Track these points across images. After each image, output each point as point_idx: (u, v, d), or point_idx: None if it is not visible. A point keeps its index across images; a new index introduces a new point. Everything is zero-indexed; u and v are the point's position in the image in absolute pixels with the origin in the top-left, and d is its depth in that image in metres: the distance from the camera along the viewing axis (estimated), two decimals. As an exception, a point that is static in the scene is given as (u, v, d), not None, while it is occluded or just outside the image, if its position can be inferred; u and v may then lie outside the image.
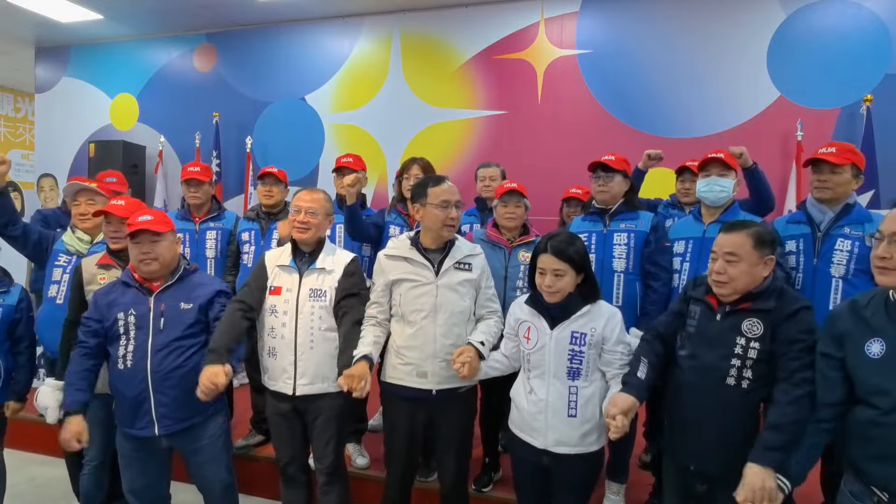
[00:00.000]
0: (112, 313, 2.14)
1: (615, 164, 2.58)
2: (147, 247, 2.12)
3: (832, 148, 2.27)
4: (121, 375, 2.13)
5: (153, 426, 2.13)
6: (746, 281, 1.71)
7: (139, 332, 2.13)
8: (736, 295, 1.73)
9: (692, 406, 1.80)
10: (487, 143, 5.08)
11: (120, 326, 2.14)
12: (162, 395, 2.12)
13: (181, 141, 5.95)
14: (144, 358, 2.12)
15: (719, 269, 1.73)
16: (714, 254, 1.77)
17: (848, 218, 2.21)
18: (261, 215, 3.24)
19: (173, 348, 2.15)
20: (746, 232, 1.72)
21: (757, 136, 4.40)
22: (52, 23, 5.71)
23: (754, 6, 4.44)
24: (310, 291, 2.28)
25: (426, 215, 2.17)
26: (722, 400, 1.73)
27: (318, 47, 5.55)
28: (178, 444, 2.24)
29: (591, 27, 4.82)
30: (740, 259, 1.70)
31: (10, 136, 8.73)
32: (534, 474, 2.05)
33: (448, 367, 2.12)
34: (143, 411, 2.13)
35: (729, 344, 1.72)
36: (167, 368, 2.12)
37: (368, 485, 2.78)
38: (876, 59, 4.21)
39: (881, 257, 1.41)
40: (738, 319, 1.73)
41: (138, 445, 2.20)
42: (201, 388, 1.98)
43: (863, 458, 1.48)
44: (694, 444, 1.80)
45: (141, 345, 2.13)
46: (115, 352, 2.14)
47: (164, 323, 2.15)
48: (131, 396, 2.12)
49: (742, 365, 1.70)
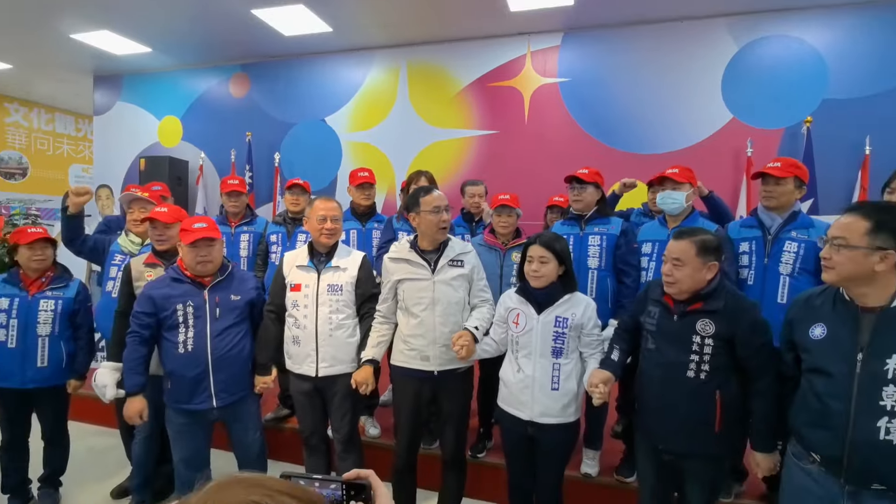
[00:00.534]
0: (170, 304, 2.13)
1: (587, 177, 2.58)
2: (204, 251, 2.13)
3: (777, 163, 2.26)
4: (182, 359, 2.13)
5: (211, 400, 2.16)
6: (690, 283, 1.72)
7: (197, 321, 2.14)
8: (684, 294, 1.74)
9: (658, 395, 1.81)
10: (481, 158, 5.07)
11: (179, 316, 2.13)
12: (219, 373, 2.16)
13: (219, 157, 5.94)
14: (204, 342, 2.14)
15: (668, 271, 1.75)
16: (665, 258, 1.78)
17: (794, 224, 2.20)
18: (287, 220, 3.23)
19: (228, 334, 2.18)
20: (691, 240, 1.72)
21: (713, 153, 4.42)
22: (108, 55, 5.70)
23: (711, 40, 4.44)
24: (327, 287, 2.28)
25: (422, 222, 2.16)
26: (684, 390, 1.73)
27: (337, 76, 5.53)
28: (225, 416, 2.26)
29: (570, 59, 4.81)
30: (684, 264, 1.71)
31: (73, 152, 8.71)
32: (520, 444, 2.05)
33: (447, 351, 2.12)
34: (202, 388, 2.14)
35: (687, 342, 1.73)
36: (223, 351, 2.16)
37: (380, 452, 2.77)
38: (815, 86, 4.21)
39: (824, 257, 1.43)
40: (693, 320, 1.73)
41: (192, 419, 2.21)
42: (257, 389, 2.30)
43: (802, 425, 1.51)
44: (661, 427, 1.81)
45: (200, 331, 2.14)
46: (174, 338, 2.13)
47: (219, 312, 2.18)
48: (192, 376, 2.13)
49: (700, 360, 1.71)
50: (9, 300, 2.40)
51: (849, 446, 1.36)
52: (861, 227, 1.36)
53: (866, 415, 1.34)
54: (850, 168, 4.09)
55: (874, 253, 1.33)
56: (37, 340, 2.40)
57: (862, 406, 1.35)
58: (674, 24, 4.50)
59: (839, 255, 1.38)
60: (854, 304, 1.42)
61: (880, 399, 1.33)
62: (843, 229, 1.39)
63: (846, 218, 1.41)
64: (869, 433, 1.34)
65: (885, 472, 1.34)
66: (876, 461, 1.34)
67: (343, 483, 0.74)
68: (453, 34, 4.96)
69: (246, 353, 2.25)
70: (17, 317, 2.38)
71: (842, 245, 1.37)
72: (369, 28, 4.88)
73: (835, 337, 1.42)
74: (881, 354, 1.34)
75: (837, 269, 1.39)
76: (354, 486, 0.74)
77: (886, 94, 4.06)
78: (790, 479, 1.57)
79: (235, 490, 0.50)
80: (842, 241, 1.38)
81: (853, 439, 1.35)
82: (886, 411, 1.32)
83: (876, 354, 1.35)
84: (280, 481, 0.54)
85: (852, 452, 1.36)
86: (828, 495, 1.44)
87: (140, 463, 2.50)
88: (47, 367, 2.42)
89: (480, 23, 4.69)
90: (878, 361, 1.34)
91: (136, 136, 6.31)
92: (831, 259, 1.40)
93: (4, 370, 2.38)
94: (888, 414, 1.32)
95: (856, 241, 1.35)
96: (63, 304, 2.47)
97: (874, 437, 1.33)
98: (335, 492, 0.74)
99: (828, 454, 1.42)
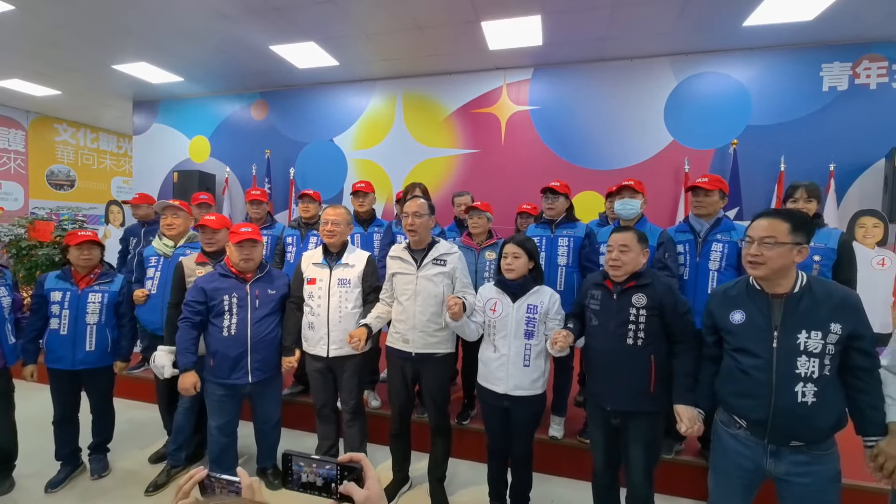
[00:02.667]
0: (218, 295, 2.18)
1: (560, 189, 2.62)
2: (248, 251, 2.19)
3: (705, 178, 2.30)
4: (225, 341, 2.17)
5: (248, 376, 2.19)
6: (632, 266, 1.78)
7: (240, 310, 2.19)
8: (624, 276, 1.79)
9: (603, 363, 1.83)
10: (465, 173, 5.09)
11: (225, 305, 2.18)
12: (256, 353, 2.20)
13: (242, 171, 5.87)
14: (245, 328, 2.18)
15: (615, 257, 1.78)
16: (610, 247, 1.81)
17: (719, 228, 2.25)
18: (301, 225, 3.22)
19: (264, 321, 2.23)
20: (632, 232, 1.79)
21: (656, 169, 4.49)
22: (146, 83, 5.61)
23: (655, 76, 4.51)
24: (338, 280, 2.29)
25: (404, 224, 2.19)
26: (624, 355, 1.76)
27: (343, 103, 5.51)
28: (255, 391, 2.29)
29: (539, 90, 4.85)
30: (630, 249, 1.77)
31: (115, 166, 8.55)
32: (497, 414, 2.07)
33: (424, 336, 2.14)
34: (240, 366, 2.18)
35: (625, 313, 1.76)
36: (260, 335, 2.21)
37: (380, 420, 2.79)
38: (740, 114, 4.30)
39: (754, 254, 1.41)
40: (629, 295, 1.78)
41: (229, 393, 2.23)
42: (284, 368, 2.28)
43: (728, 394, 1.53)
44: (607, 390, 1.82)
45: (242, 319, 2.19)
46: (220, 323, 2.18)
47: (258, 303, 2.23)
48: (234, 356, 2.17)
49: (636, 328, 1.74)
50: (62, 293, 2.37)
51: (773, 411, 1.38)
52: (784, 227, 1.38)
53: (785, 381, 1.37)
54: (768, 182, 4.19)
55: (794, 248, 1.37)
56: (86, 328, 2.37)
57: (781, 375, 1.37)
58: (625, 61, 4.56)
59: (771, 251, 1.37)
60: (765, 292, 1.45)
61: (795, 368, 1.36)
62: (769, 230, 1.39)
63: (767, 221, 1.41)
64: (789, 398, 1.36)
65: (801, 431, 1.37)
66: (794, 422, 1.37)
67: (338, 465, 0.73)
68: (442, 68, 4.97)
69: (277, 339, 2.28)
70: (68, 308, 2.36)
71: (772, 243, 1.37)
72: (371, 63, 4.87)
73: (753, 320, 1.45)
74: (792, 331, 1.37)
75: (769, 264, 1.38)
76: (347, 468, 0.73)
77: (798, 122, 4.17)
78: (719, 442, 1.58)
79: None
80: (772, 239, 1.38)
81: (776, 405, 1.37)
82: (802, 378, 1.35)
83: (788, 331, 1.38)
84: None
85: (776, 415, 1.38)
86: (753, 455, 1.47)
87: (179, 429, 2.49)
88: (95, 351, 2.39)
89: (464, 59, 4.71)
90: (791, 337, 1.37)
91: (170, 152, 6.23)
92: (762, 255, 1.38)
93: (57, 353, 2.35)
94: (803, 380, 1.35)
95: (783, 239, 1.37)
96: (109, 297, 2.44)
97: (793, 401, 1.36)
98: (330, 471, 0.73)
99: (754, 418, 1.43)
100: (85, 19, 3.97)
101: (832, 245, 2.14)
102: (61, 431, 2.47)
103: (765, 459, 1.45)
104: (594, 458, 1.96)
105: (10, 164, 7.04)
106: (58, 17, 3.95)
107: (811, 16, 3.68)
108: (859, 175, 4.03)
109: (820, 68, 4.12)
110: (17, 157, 7.12)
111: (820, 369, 1.35)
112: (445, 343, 2.19)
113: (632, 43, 4.23)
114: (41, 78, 5.57)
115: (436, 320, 2.14)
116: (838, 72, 4.08)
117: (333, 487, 0.72)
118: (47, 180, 7.50)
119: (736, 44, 4.19)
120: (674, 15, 3.71)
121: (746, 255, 1.44)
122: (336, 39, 4.30)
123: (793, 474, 1.41)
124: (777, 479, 1.46)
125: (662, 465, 2.14)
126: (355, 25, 4.01)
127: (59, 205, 7.43)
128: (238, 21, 3.95)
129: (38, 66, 5.15)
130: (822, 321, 1.35)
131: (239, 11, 3.78)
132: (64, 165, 7.72)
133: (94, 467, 2.56)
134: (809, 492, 1.40)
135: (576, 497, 2.41)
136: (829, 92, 4.10)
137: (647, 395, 1.74)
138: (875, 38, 3.97)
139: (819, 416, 1.36)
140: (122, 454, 2.75)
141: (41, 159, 7.40)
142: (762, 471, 1.47)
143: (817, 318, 1.36)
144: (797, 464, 1.41)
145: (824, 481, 1.40)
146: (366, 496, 0.70)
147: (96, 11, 3.83)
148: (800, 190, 2.26)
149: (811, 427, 1.37)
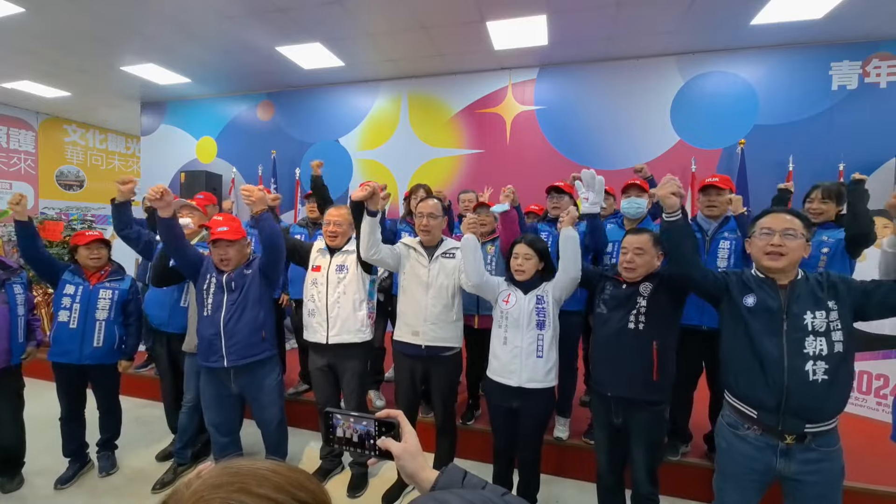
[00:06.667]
0: (207, 271, 2.22)
1: (565, 188, 2.62)
2: (222, 250, 2.16)
3: (716, 178, 2.31)
4: (204, 320, 2.18)
5: (223, 360, 2.14)
6: (647, 269, 1.78)
7: (217, 290, 2.19)
8: (639, 278, 1.80)
9: (606, 349, 1.84)
10: (470, 172, 5.08)
11: (205, 284, 2.21)
12: (232, 338, 2.14)
13: (248, 171, 5.90)
14: (220, 310, 2.16)
15: (630, 259, 1.78)
16: (625, 249, 1.81)
17: (726, 227, 2.27)
18: (309, 224, 3.25)
19: (239, 305, 2.17)
20: (648, 234, 1.80)
21: (663, 169, 4.38)
22: (153, 85, 5.66)
23: (661, 75, 4.48)
24: (336, 266, 2.31)
25: (416, 223, 2.24)
26: (626, 340, 1.77)
27: (348, 103, 5.52)
28: (245, 389, 2.22)
29: (544, 90, 4.84)
30: (645, 252, 1.77)
31: (123, 167, 8.63)
32: (504, 415, 2.05)
33: (435, 328, 2.14)
34: (215, 348, 2.14)
35: (632, 303, 1.79)
36: (234, 320, 2.15)
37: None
38: (747, 114, 4.27)
39: (777, 245, 1.46)
40: (637, 285, 1.80)
41: (215, 381, 2.20)
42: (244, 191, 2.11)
43: (741, 384, 1.53)
44: (609, 375, 1.83)
45: (218, 300, 2.18)
46: (202, 302, 2.20)
47: (234, 285, 2.18)
48: (208, 336, 2.15)
49: (637, 314, 1.76)
50: (74, 287, 2.39)
51: (786, 393, 1.41)
52: (799, 223, 1.47)
53: (797, 360, 1.41)
54: (776, 182, 4.06)
55: (806, 243, 1.47)
56: (95, 324, 2.39)
57: (793, 355, 1.41)
58: (631, 61, 4.54)
59: (793, 242, 1.45)
60: (770, 279, 1.51)
61: (804, 347, 1.41)
62: (791, 223, 1.46)
63: (788, 216, 1.49)
64: (801, 376, 1.40)
65: (813, 408, 1.40)
66: (807, 401, 1.39)
67: (375, 420, 0.75)
68: (447, 69, 4.97)
69: (254, 325, 2.16)
70: (80, 302, 2.37)
71: (794, 235, 1.45)
72: (376, 63, 4.88)
73: (764, 304, 1.49)
74: (799, 313, 1.43)
75: (789, 255, 1.45)
76: (385, 424, 0.75)
77: (806, 121, 4.13)
78: (727, 445, 1.56)
79: (221, 492, 0.44)
80: (793, 231, 1.45)
81: (789, 385, 1.40)
82: (811, 356, 1.40)
83: (795, 314, 1.44)
84: (270, 479, 0.46)
85: (789, 397, 1.40)
86: (763, 456, 1.47)
87: (184, 429, 2.50)
88: (102, 347, 2.40)
89: (469, 59, 4.70)
90: (798, 319, 1.43)
91: (177, 153, 6.27)
92: (784, 246, 1.45)
93: (65, 347, 2.36)
94: (812, 358, 1.40)
95: (801, 233, 1.46)
96: (119, 294, 2.46)
97: (805, 378, 1.39)
98: (367, 427, 0.75)
99: (768, 405, 1.43)
100: (93, 21, 4.01)
101: (839, 236, 2.16)
102: (68, 428, 2.49)
103: (775, 460, 1.45)
104: (598, 460, 1.96)
105: (21, 165, 7.13)
106: (67, 20, 3.99)
107: (820, 14, 3.64)
108: (869, 175, 3.98)
109: (829, 67, 4.07)
110: (28, 157, 7.21)
111: (829, 347, 1.40)
112: (454, 338, 2.20)
113: (638, 42, 4.21)
114: (50, 79, 5.63)
115: (447, 312, 2.14)
116: (847, 70, 4.04)
117: (370, 444, 0.74)
118: (57, 181, 7.58)
119: (743, 42, 4.16)
120: (680, 14, 3.68)
121: (766, 247, 1.48)
122: (341, 40, 4.32)
123: (804, 473, 1.42)
124: (787, 479, 1.45)
125: (668, 467, 2.12)
126: (361, 26, 4.02)
127: (68, 205, 7.51)
128: (244, 22, 3.98)
129: (48, 67, 5.20)
130: (822, 301, 1.44)
131: (245, 13, 3.80)
132: (73, 166, 7.80)
133: (103, 465, 2.57)
134: (819, 490, 1.43)
135: (581, 498, 2.39)
136: (838, 91, 4.05)
137: (649, 384, 1.74)
138: (885, 36, 3.93)
139: (831, 393, 1.39)
140: (130, 452, 2.76)
141: (51, 160, 7.49)
142: (772, 471, 1.47)
143: (818, 299, 1.44)
144: (808, 462, 1.42)
145: (833, 479, 1.44)
146: (403, 448, 0.73)
147: (105, 13, 3.87)
148: (816, 190, 2.32)
149: (824, 405, 1.40)
